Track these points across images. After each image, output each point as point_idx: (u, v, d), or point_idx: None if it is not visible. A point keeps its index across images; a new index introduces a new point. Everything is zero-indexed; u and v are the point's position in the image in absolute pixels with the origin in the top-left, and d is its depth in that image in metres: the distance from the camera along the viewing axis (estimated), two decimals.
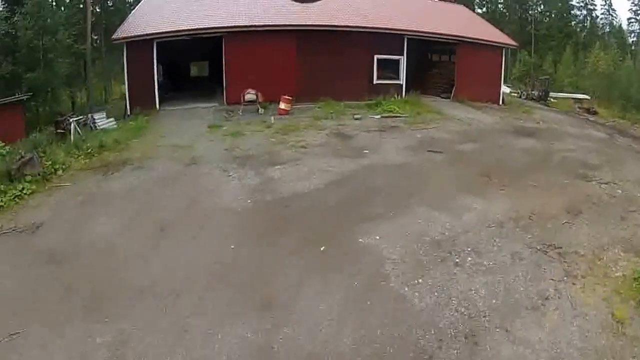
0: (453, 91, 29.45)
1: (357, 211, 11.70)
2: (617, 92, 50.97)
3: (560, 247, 10.31)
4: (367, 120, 21.24)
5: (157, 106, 23.58)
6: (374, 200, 12.33)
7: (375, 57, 26.42)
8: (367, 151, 16.20)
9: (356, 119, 21.13)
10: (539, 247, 10.38)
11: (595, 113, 45.06)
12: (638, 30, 66.24)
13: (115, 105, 33.36)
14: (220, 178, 13.65)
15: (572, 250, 10.22)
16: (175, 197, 12.56)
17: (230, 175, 13.79)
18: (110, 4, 53.92)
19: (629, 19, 67.83)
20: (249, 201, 12.21)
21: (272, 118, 20.70)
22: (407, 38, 27.09)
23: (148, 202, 12.41)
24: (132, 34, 23.75)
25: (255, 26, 24.49)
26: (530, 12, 71.35)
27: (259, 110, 22.22)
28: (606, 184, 15.05)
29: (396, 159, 15.55)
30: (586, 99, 50.81)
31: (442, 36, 28.82)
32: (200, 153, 15.86)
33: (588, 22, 69.95)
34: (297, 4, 27.22)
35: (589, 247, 10.40)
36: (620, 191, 14.48)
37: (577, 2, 68.35)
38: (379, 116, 21.95)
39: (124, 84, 25.32)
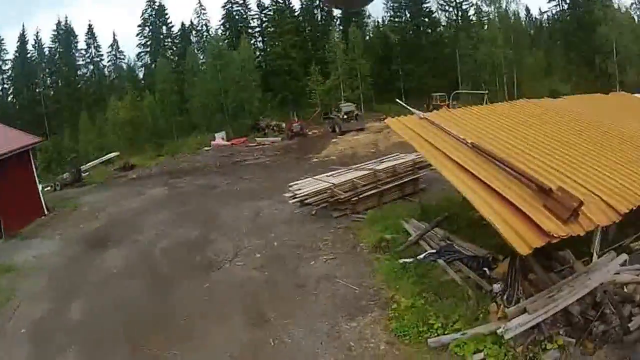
0: None
1: None
2: (144, 133, 51.98)
3: None
4: None
5: None
6: None
7: None
8: None
9: None
10: None
11: (132, 167, 43.38)
12: (146, 62, 68.18)
13: None
14: None
15: None
16: None
17: None
18: None
19: (138, 53, 69.09)
20: None
21: None
22: None
23: None
24: None
25: None
26: (37, 89, 66.24)
27: None
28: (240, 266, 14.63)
29: None
30: (116, 155, 48.57)
31: None
32: None
33: (96, 76, 68.56)
34: None
35: None
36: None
37: (109, 62, 68.84)
38: None
39: None
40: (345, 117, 44.03)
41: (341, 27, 60.82)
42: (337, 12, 65.56)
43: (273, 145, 42.12)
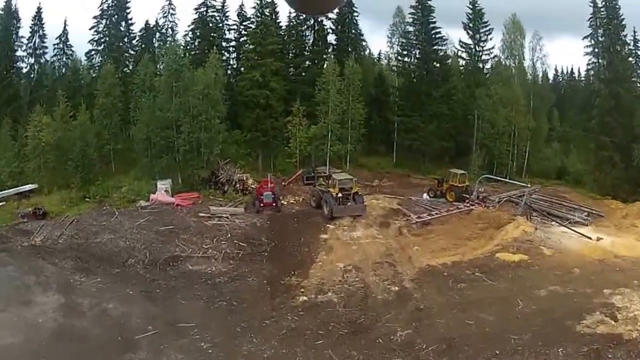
0: None
1: None
2: (72, 162, 39.99)
3: None
4: None
5: None
6: None
7: None
8: None
9: None
10: None
11: (44, 215, 34.16)
12: (94, 65, 54.43)
13: None
14: None
15: None
16: None
17: None
18: None
19: (88, 52, 55.38)
20: None
21: None
22: None
23: None
24: None
25: None
26: None
27: None
28: None
29: None
30: (33, 188, 39.76)
31: None
32: None
33: (36, 74, 52.66)
34: None
35: None
36: None
37: (55, 57, 54.77)
38: None
39: None
40: (339, 194, 33.10)
41: (334, 57, 48.77)
42: (331, 39, 55.05)
43: (232, 223, 30.70)
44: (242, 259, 27.36)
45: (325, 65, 46.73)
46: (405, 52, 53.41)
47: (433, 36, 51.98)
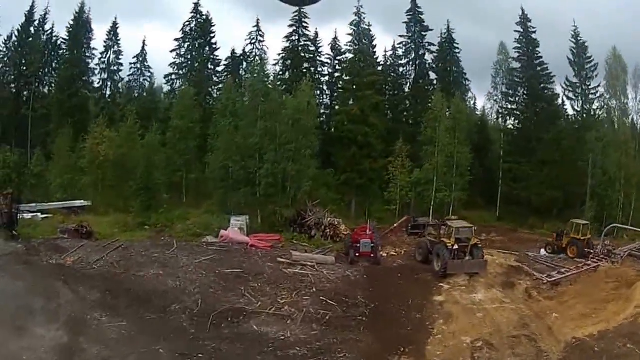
0: None
1: None
2: (133, 183, 35.75)
3: None
4: None
5: None
6: None
7: None
8: None
9: None
10: None
11: (89, 234, 30.75)
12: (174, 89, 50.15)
13: None
14: None
15: None
16: None
17: None
18: None
19: (168, 75, 51.61)
20: None
21: None
22: None
23: None
24: None
25: None
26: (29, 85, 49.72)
27: None
28: None
29: None
30: (85, 205, 36.47)
31: None
32: None
33: (111, 89, 50.99)
34: None
35: None
36: None
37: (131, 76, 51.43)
38: None
39: None
40: (455, 246, 26.96)
41: (440, 91, 42.74)
42: (433, 75, 49.52)
43: (319, 274, 24.32)
44: (330, 324, 20.50)
45: (430, 103, 41.05)
46: (511, 92, 46.99)
47: (540, 72, 45.63)
